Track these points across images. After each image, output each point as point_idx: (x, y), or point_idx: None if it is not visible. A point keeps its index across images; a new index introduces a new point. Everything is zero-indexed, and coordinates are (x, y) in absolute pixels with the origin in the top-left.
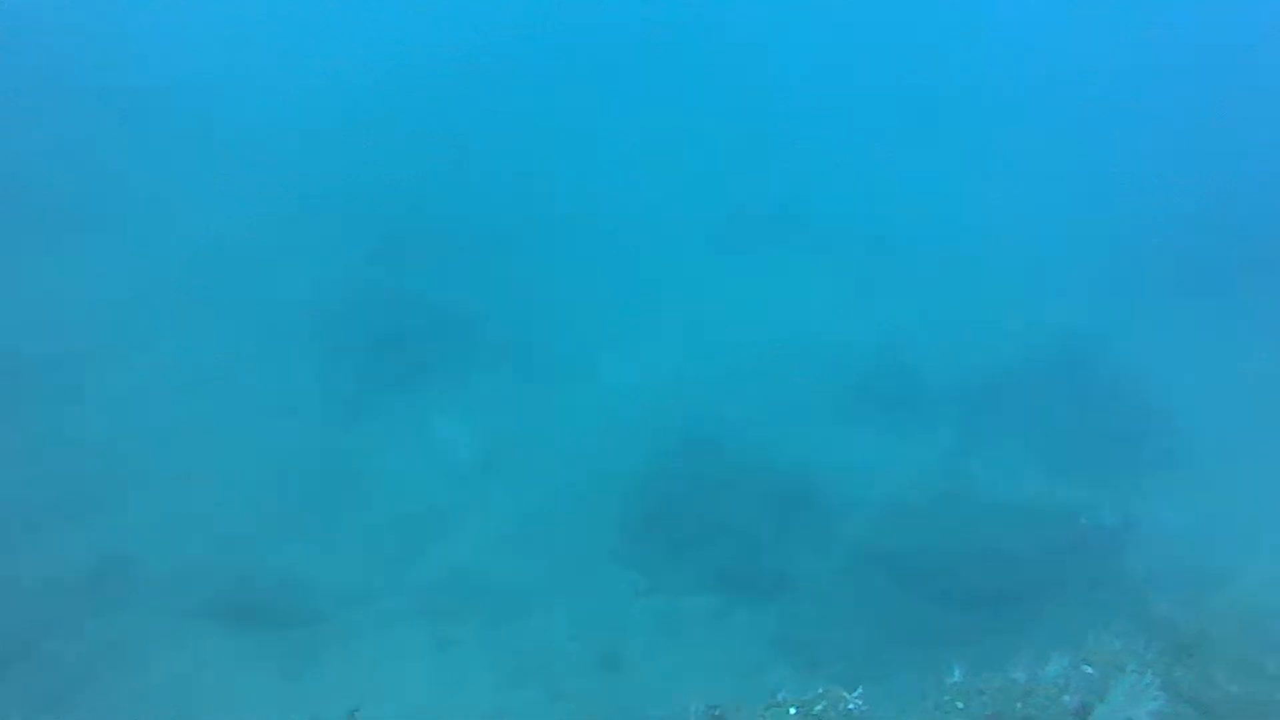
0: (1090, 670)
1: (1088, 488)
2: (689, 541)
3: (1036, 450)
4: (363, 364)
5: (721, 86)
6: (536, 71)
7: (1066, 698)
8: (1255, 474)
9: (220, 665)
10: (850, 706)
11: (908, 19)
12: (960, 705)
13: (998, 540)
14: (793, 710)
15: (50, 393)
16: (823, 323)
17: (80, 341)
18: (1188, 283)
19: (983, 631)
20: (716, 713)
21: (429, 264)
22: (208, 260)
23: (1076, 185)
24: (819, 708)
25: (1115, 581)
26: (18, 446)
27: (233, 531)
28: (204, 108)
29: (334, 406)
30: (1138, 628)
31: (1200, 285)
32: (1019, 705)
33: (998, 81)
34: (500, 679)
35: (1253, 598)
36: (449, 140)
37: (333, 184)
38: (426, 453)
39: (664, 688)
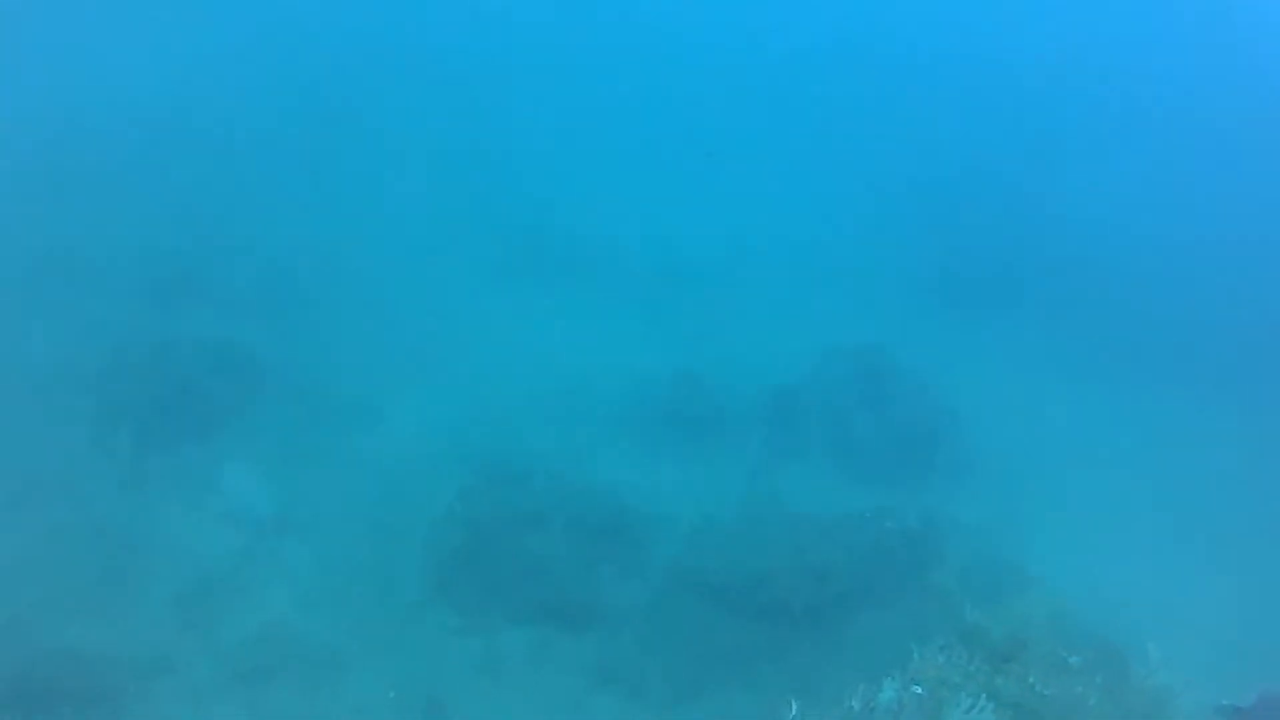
0: (920, 690)
1: (889, 494)
2: (500, 577)
3: (838, 461)
4: (142, 420)
5: (493, 112)
6: (303, 97)
7: None
8: (1042, 473)
9: None
10: None
11: (665, 24)
12: None
13: (809, 553)
14: None
15: None
16: (618, 351)
17: None
18: (972, 293)
19: (805, 647)
20: None
21: (204, 307)
22: None
23: (861, 198)
24: None
25: (925, 589)
26: None
27: (11, 616)
28: None
29: (113, 470)
30: (956, 639)
31: (985, 295)
32: None
33: (769, 90)
34: None
35: (1052, 595)
36: (218, 176)
37: (96, 223)
38: (218, 510)
39: None
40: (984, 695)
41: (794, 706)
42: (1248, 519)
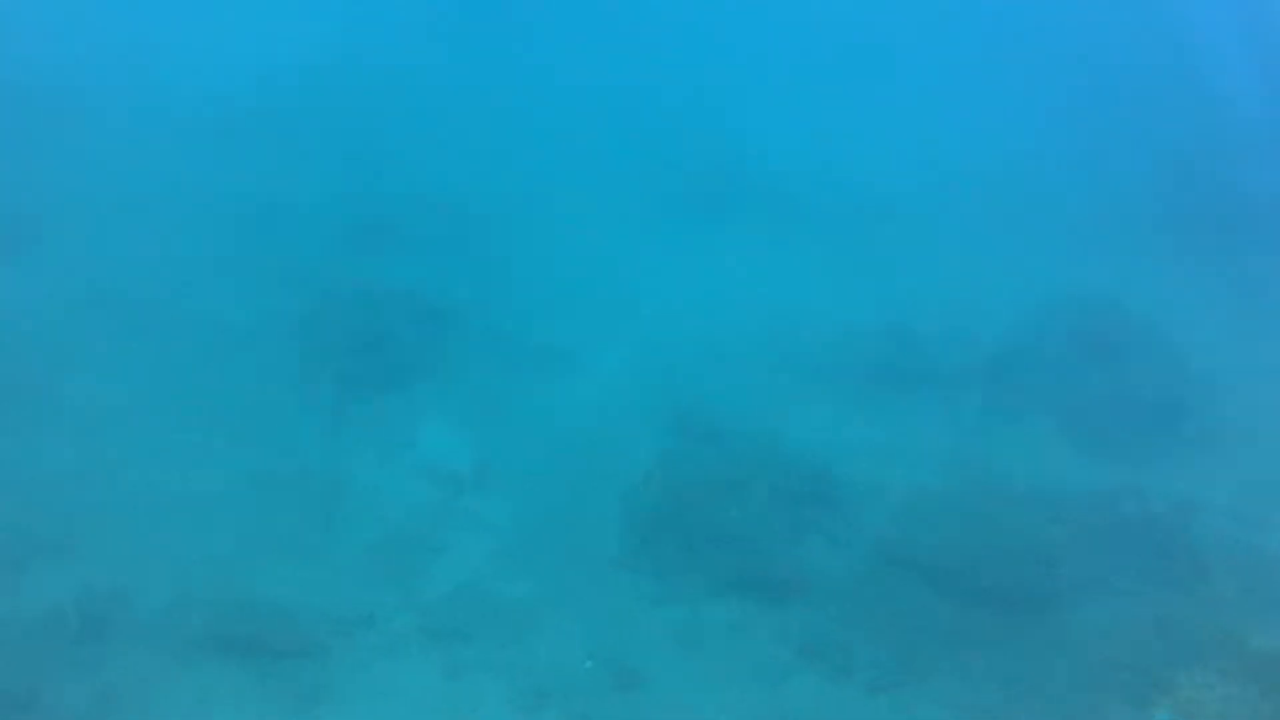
0: None
1: (1128, 470)
2: (700, 545)
3: (1066, 429)
4: (340, 369)
5: (675, 42)
6: (485, 40)
7: None
8: None
9: (227, 703)
10: None
11: None
12: None
13: (1032, 533)
14: None
15: (13, 420)
16: (820, 298)
17: (34, 366)
18: (1211, 234)
19: (1026, 640)
20: None
21: (397, 256)
22: (160, 267)
23: (1083, 128)
24: None
25: (1172, 585)
26: None
27: (222, 558)
28: (146, 99)
29: (314, 418)
30: (1227, 657)
31: (1234, 238)
32: None
33: (982, 12)
34: (517, 705)
35: None
36: (402, 125)
37: (292, 177)
38: (416, 462)
39: (688, 703)
40: None
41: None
42: None
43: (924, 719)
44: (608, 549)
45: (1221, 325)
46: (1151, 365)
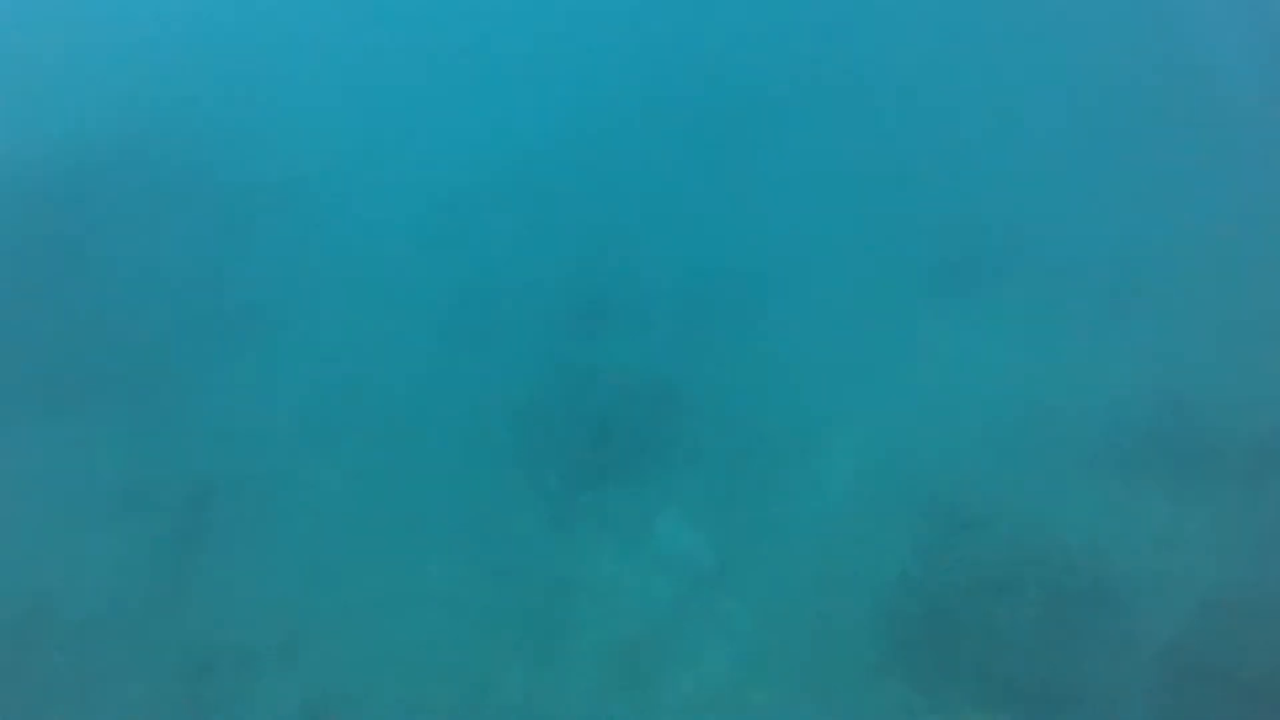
0: None
1: None
2: (964, 651)
3: None
4: (569, 456)
5: (916, 110)
6: (717, 123)
7: None
8: None
9: None
10: None
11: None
12: None
13: None
14: None
15: (238, 526)
16: (1082, 373)
17: (265, 458)
18: None
19: None
20: None
21: (625, 338)
22: (388, 354)
23: None
24: None
25: None
26: (223, 588)
27: (450, 664)
28: (374, 187)
29: (544, 508)
30: None
31: None
32: None
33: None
34: None
35: None
36: (628, 202)
37: (518, 259)
38: (650, 557)
39: None
40: None
41: None
42: None
43: None
44: (862, 654)
45: None
46: None
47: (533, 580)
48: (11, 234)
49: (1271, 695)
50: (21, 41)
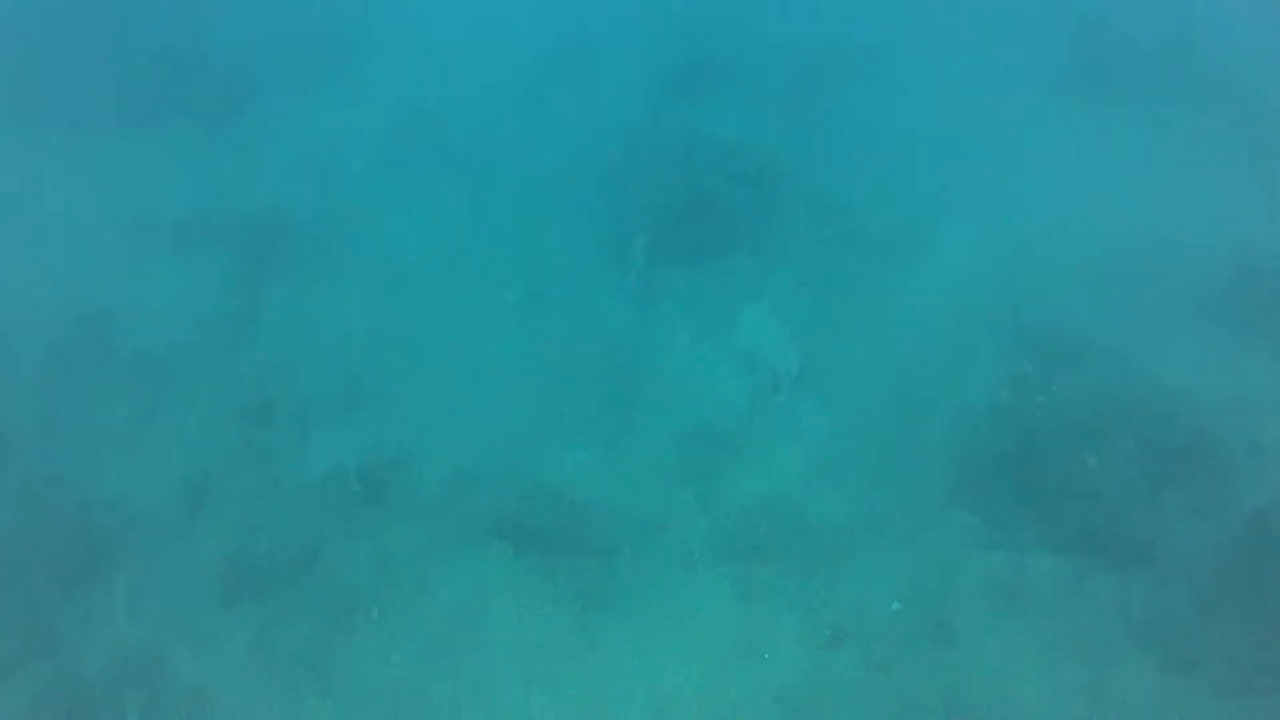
0: None
1: None
2: (1044, 489)
3: None
4: (654, 231)
5: None
6: None
7: None
8: None
9: (503, 591)
10: None
11: None
12: None
13: None
14: None
15: (306, 266)
16: (1218, 207)
17: (338, 204)
18: None
19: None
20: None
21: (726, 107)
22: (473, 102)
23: None
24: None
25: None
26: (287, 328)
27: (511, 433)
28: None
29: (623, 284)
30: None
31: None
32: None
33: None
34: (810, 641)
35: None
36: None
37: (613, 11)
38: (730, 347)
39: (999, 668)
40: None
41: None
42: None
43: None
44: (936, 478)
45: None
46: None
47: (605, 356)
48: None
49: None
50: None
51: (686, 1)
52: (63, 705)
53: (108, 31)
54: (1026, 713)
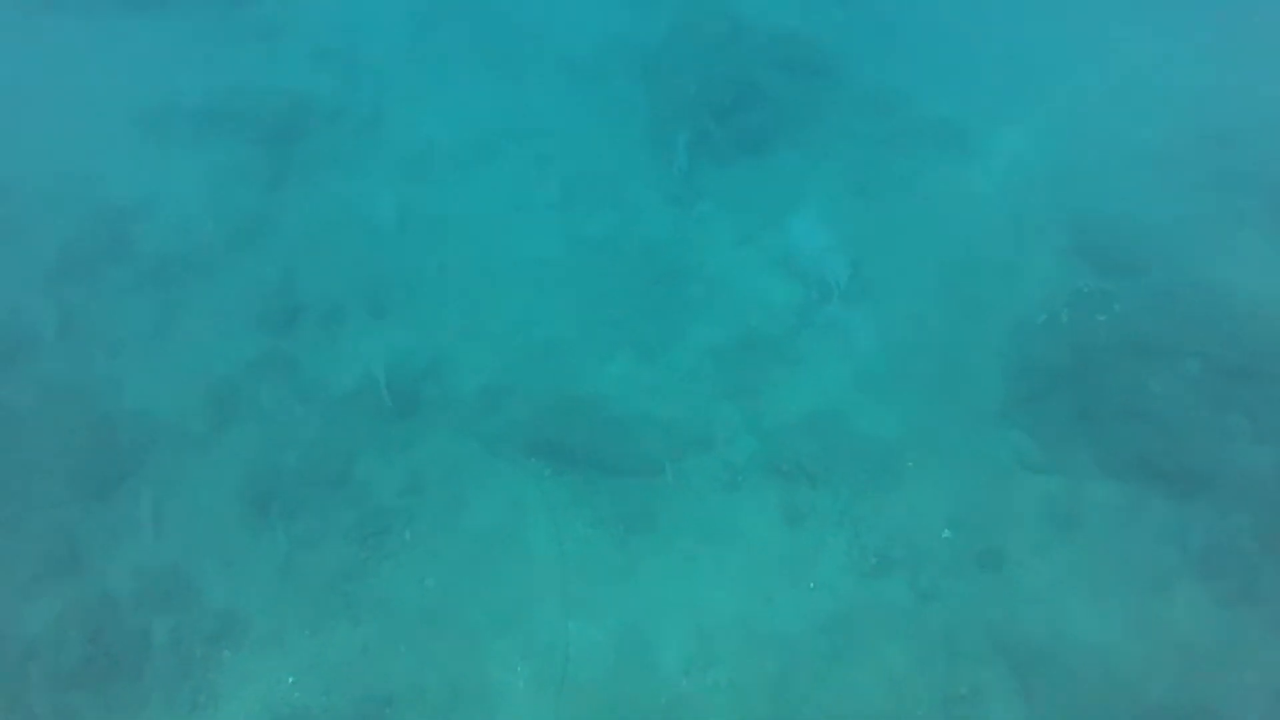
0: None
1: None
2: (1101, 411)
3: None
4: (696, 122)
5: None
6: None
7: None
8: None
9: (540, 512)
10: None
11: None
12: None
13: None
14: None
15: (330, 161)
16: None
17: (358, 91)
18: None
19: None
20: None
21: None
22: None
23: None
24: None
25: None
26: (311, 227)
27: (546, 340)
28: None
29: (664, 180)
30: None
31: None
32: None
33: None
34: (857, 567)
35: None
36: None
37: None
38: (776, 250)
39: (1052, 597)
40: None
41: None
42: None
43: None
44: (989, 397)
45: None
46: None
47: (644, 259)
48: None
49: None
50: None
51: None
52: (89, 625)
53: None
54: (1078, 644)
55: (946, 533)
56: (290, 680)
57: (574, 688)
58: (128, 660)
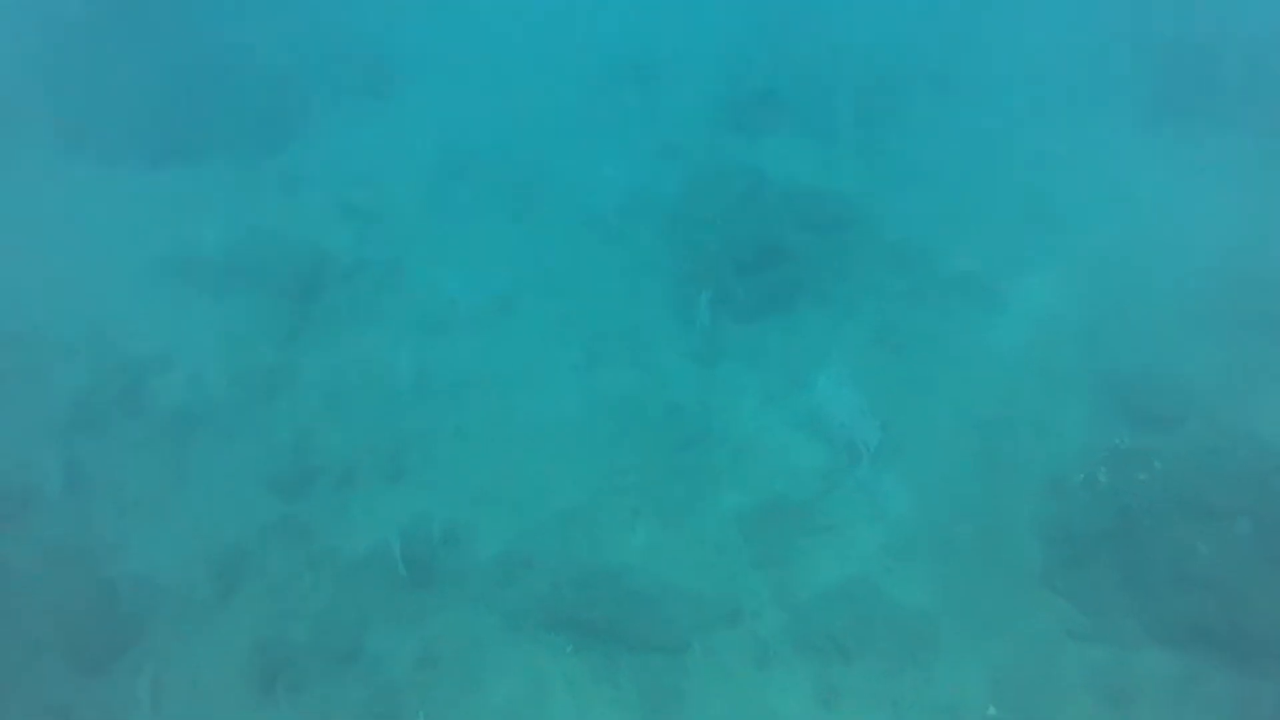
0: None
1: None
2: (1150, 576)
3: None
4: (719, 279)
5: None
6: None
7: None
8: None
9: (561, 692)
10: None
11: None
12: None
13: None
14: None
15: (349, 316)
16: None
17: (378, 247)
18: None
19: None
20: None
21: (791, 141)
22: (523, 129)
23: None
24: None
25: None
26: (328, 385)
27: (568, 509)
28: None
29: (687, 339)
30: None
31: None
32: None
33: None
34: None
35: None
36: None
37: (672, 31)
38: (802, 412)
39: None
40: None
41: None
42: None
43: None
44: (1029, 562)
45: None
46: None
47: (667, 422)
48: None
49: None
50: None
51: (743, 29)
52: None
53: (147, 59)
54: None
55: (992, 710)
56: None
57: None
58: None
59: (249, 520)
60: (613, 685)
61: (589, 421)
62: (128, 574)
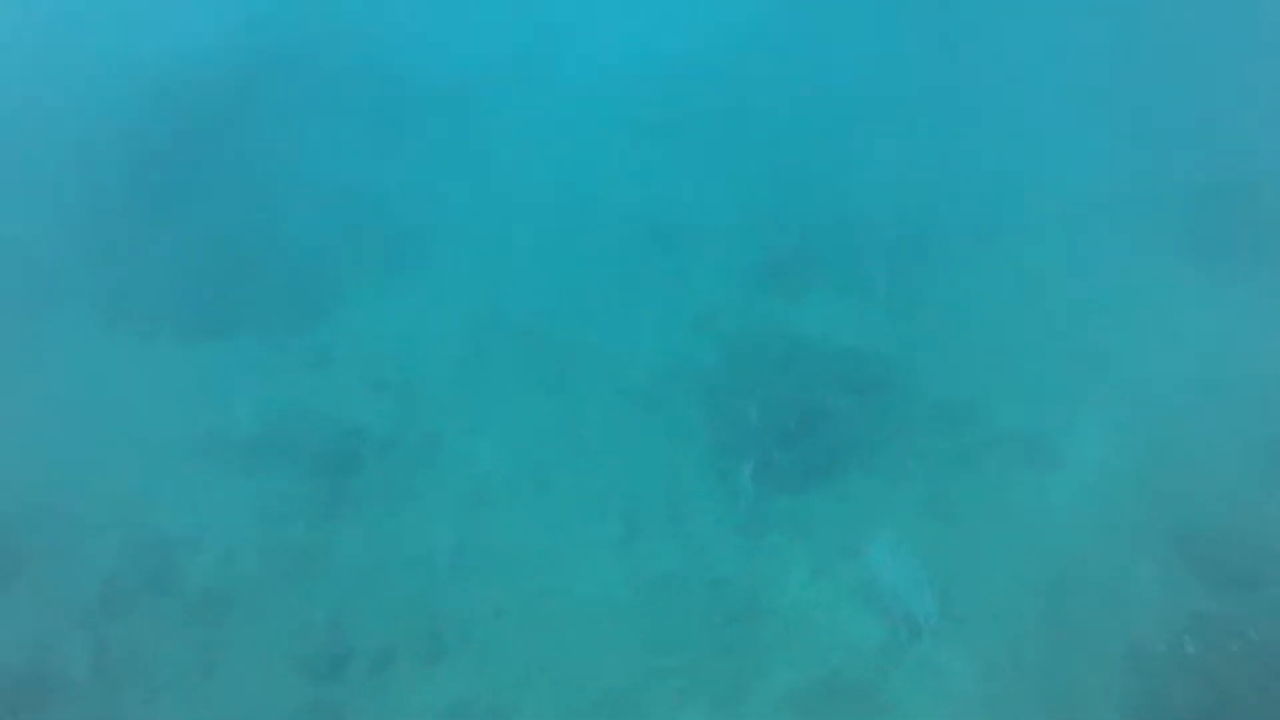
0: None
1: None
2: None
3: None
4: (761, 449)
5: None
6: (936, 37)
7: None
8: None
9: None
10: None
11: None
12: None
13: None
14: None
15: (382, 496)
16: None
17: (410, 423)
18: None
19: None
20: None
21: (827, 303)
22: (553, 299)
23: None
24: None
25: None
26: (363, 563)
27: (614, 691)
28: (542, 99)
29: (730, 511)
30: None
31: None
32: None
33: None
34: None
35: None
36: (834, 137)
37: (699, 195)
38: (854, 582)
39: None
40: None
41: None
42: None
43: None
44: None
45: None
46: None
47: (712, 597)
48: (159, 143)
49: None
50: None
51: (769, 187)
52: None
53: (180, 237)
54: None
55: None
56: None
57: None
58: None
59: (281, 705)
60: None
61: (630, 598)
62: None
